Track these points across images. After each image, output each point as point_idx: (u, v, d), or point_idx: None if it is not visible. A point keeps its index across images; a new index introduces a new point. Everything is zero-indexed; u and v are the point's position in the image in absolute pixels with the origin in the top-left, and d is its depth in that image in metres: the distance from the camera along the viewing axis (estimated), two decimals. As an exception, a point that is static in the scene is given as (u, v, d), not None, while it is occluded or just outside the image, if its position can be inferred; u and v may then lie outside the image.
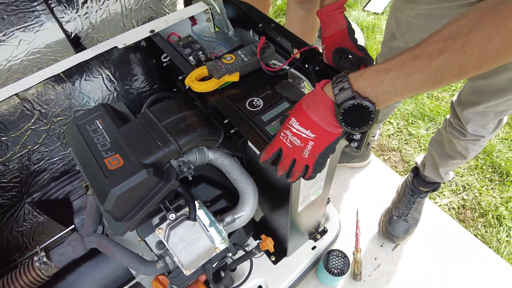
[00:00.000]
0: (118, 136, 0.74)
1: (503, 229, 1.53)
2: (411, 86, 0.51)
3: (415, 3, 1.01)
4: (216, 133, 0.80)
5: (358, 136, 0.74)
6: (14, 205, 1.10)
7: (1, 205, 1.07)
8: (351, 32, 0.79)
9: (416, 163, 1.41)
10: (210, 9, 1.02)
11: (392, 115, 1.91)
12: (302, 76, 0.89)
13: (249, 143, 0.77)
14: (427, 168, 1.31)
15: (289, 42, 0.90)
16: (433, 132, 1.82)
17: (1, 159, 0.97)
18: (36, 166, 1.07)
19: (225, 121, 0.81)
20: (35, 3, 0.81)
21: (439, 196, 1.64)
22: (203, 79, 0.82)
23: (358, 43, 0.79)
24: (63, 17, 0.90)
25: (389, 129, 1.86)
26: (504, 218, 1.56)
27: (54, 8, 0.86)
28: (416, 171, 1.40)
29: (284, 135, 0.61)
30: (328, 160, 0.82)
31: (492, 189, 1.65)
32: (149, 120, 0.77)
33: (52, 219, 1.20)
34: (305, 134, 0.59)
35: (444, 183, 1.66)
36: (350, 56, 0.76)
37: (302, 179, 0.67)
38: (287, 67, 0.87)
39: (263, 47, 0.82)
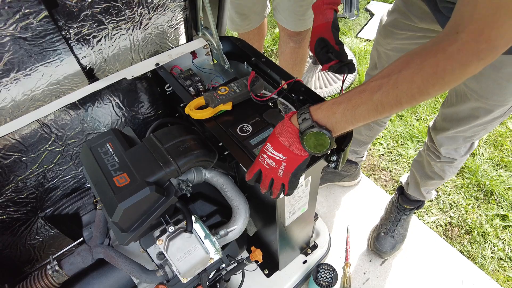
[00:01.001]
0: (126, 158, 0.86)
1: (488, 245, 1.60)
2: (359, 116, 0.62)
3: (391, 38, 1.14)
4: (211, 154, 0.91)
5: (334, 158, 0.85)
6: (29, 219, 1.20)
7: (17, 219, 1.17)
8: (335, 27, 0.90)
9: (401, 182, 1.51)
10: (209, 45, 1.15)
11: (382, 136, 2.02)
12: (289, 104, 1.00)
13: (240, 164, 0.88)
14: (410, 187, 1.41)
15: (277, 75, 1.02)
16: (421, 153, 1.92)
17: (21, 177, 1.08)
18: (50, 184, 1.18)
19: (220, 144, 0.93)
20: (57, 43, 0.95)
21: (427, 214, 1.72)
22: (201, 107, 0.94)
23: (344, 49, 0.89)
24: (80, 53, 1.03)
25: (379, 149, 1.97)
26: (489, 235, 1.63)
27: (73, 46, 1.00)
28: (401, 190, 1.49)
29: (262, 158, 0.72)
30: (309, 180, 0.93)
31: (477, 207, 1.73)
32: (153, 143, 0.88)
33: (62, 232, 1.30)
34: (278, 157, 0.70)
35: (431, 201, 1.75)
36: (330, 50, 0.87)
37: (285, 196, 0.78)
38: (276, 96, 0.99)
39: (253, 80, 0.94)
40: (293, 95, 0.99)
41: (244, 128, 0.89)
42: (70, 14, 0.92)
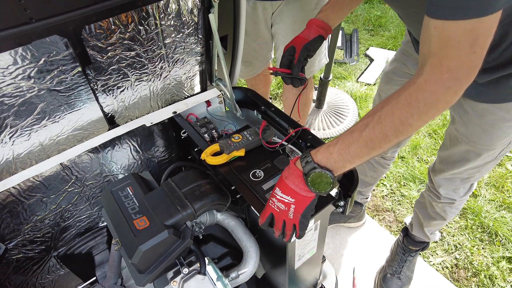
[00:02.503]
0: (145, 201, 0.91)
1: (496, 289, 1.59)
2: (353, 153, 0.68)
3: (391, 84, 1.25)
4: (224, 198, 0.96)
5: (342, 203, 0.90)
6: (42, 258, 1.23)
7: (31, 258, 1.20)
8: (308, 47, 1.01)
9: (405, 223, 1.54)
10: (222, 94, 1.24)
11: (385, 177, 2.07)
12: (297, 150, 1.07)
13: (252, 208, 0.93)
14: (414, 228, 1.44)
15: (285, 123, 1.10)
16: (424, 194, 1.96)
17: (40, 217, 1.13)
18: (65, 223, 1.22)
19: (232, 188, 0.98)
20: (85, 94, 1.04)
21: (432, 255, 1.72)
22: (215, 153, 1.01)
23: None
24: (104, 102, 1.12)
25: (382, 190, 2.01)
26: (496, 278, 1.63)
27: (98, 96, 1.09)
28: (406, 231, 1.52)
29: (272, 202, 0.77)
30: (318, 224, 0.97)
31: (483, 248, 1.74)
32: (171, 188, 0.94)
33: (73, 272, 1.32)
34: (287, 199, 0.75)
35: (436, 242, 1.76)
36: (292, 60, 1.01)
37: (296, 239, 0.82)
38: (285, 143, 1.06)
39: (264, 129, 1.02)
40: (300, 141, 1.07)
41: (256, 174, 0.95)
42: (99, 68, 1.01)
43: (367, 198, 1.68)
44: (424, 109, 0.61)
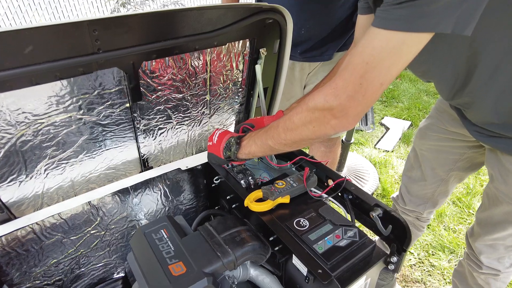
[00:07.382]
0: (181, 245, 0.84)
1: None
2: (259, 144, 0.91)
3: (426, 139, 1.25)
4: (265, 248, 0.89)
5: (395, 259, 0.83)
6: (47, 310, 1.10)
7: (35, 309, 1.07)
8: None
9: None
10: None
11: (411, 244, 1.95)
12: (339, 204, 1.02)
13: (295, 259, 0.85)
14: (457, 303, 1.30)
15: (323, 173, 1.07)
16: (455, 264, 1.82)
17: (55, 260, 1.04)
18: (79, 271, 1.12)
19: (270, 239, 0.91)
20: (127, 132, 1.03)
21: None
22: (257, 200, 0.95)
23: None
24: (142, 142, 1.10)
25: (410, 259, 1.88)
26: None
27: (138, 136, 1.08)
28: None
29: (214, 133, 1.04)
30: (368, 282, 0.88)
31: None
32: (209, 232, 0.87)
33: (76, 331, 1.17)
34: (215, 138, 1.02)
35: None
36: None
37: None
38: (325, 195, 1.01)
39: (308, 176, 0.98)
40: (340, 194, 1.02)
41: (300, 222, 0.89)
42: (146, 107, 1.02)
43: (399, 265, 1.56)
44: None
